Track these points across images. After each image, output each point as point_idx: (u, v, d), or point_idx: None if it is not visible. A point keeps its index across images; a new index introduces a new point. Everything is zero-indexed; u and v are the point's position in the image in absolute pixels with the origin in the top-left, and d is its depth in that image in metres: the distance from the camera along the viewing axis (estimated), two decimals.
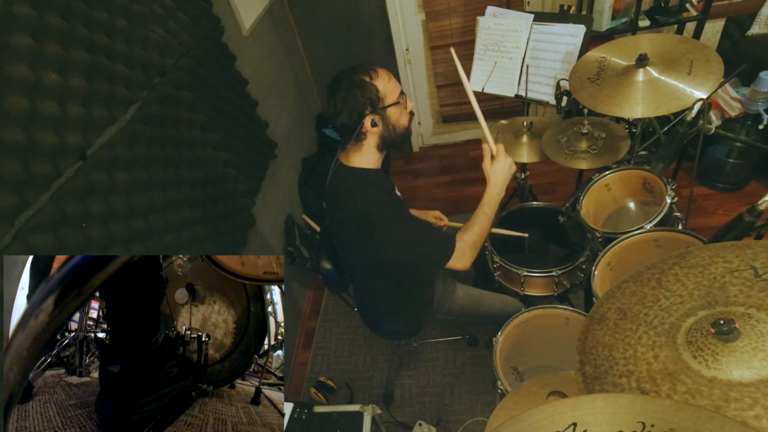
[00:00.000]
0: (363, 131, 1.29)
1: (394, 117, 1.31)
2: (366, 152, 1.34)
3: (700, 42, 1.46)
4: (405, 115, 1.34)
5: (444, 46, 2.86)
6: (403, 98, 1.32)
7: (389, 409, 1.97)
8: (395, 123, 1.32)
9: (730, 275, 0.70)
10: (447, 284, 1.68)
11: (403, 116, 1.34)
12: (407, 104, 1.34)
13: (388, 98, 1.28)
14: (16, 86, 0.90)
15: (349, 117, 1.25)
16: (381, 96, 1.26)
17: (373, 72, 1.26)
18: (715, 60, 1.32)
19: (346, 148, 1.37)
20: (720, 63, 1.30)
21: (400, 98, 1.31)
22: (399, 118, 1.32)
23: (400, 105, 1.31)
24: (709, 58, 1.33)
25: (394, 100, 1.29)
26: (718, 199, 2.39)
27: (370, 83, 1.25)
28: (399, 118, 1.32)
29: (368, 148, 1.34)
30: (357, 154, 1.35)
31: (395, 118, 1.31)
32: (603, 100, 1.40)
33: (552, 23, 1.83)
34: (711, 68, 1.30)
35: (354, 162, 1.36)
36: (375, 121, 1.28)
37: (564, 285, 1.61)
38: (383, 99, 1.27)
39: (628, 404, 0.51)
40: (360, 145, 1.33)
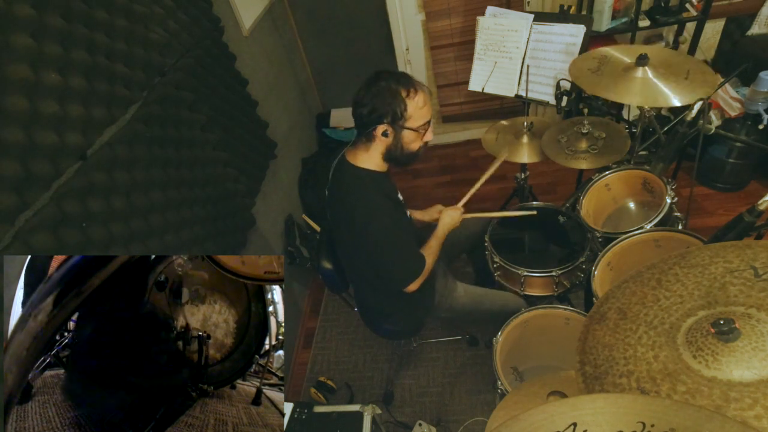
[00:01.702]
0: (374, 134, 1.31)
1: (408, 139, 1.34)
2: (372, 155, 1.38)
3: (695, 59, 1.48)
4: (418, 142, 1.36)
5: (444, 46, 2.85)
6: (424, 128, 1.34)
7: (389, 409, 1.97)
8: (406, 144, 1.35)
9: (730, 275, 0.70)
10: (447, 282, 1.69)
11: (416, 142, 1.36)
12: (427, 134, 1.36)
13: (411, 121, 1.30)
14: (16, 86, 0.90)
15: (369, 114, 1.28)
16: (406, 116, 1.29)
17: (413, 90, 1.29)
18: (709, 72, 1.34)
19: (356, 146, 1.40)
20: (715, 76, 1.33)
21: (423, 128, 1.33)
22: (412, 142, 1.35)
23: (419, 131, 1.33)
24: (705, 71, 1.35)
25: (415, 125, 1.31)
26: (718, 199, 2.39)
27: (403, 99, 1.27)
28: (412, 142, 1.35)
29: (375, 152, 1.37)
30: (365, 154, 1.38)
31: (408, 141, 1.34)
32: (604, 87, 1.41)
33: (552, 23, 1.83)
34: (707, 78, 1.32)
35: (360, 161, 1.39)
36: (387, 132, 1.30)
37: (564, 285, 1.61)
38: (406, 119, 1.29)
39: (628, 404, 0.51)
40: (368, 147, 1.36)
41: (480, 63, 2.04)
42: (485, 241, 1.72)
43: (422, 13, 2.74)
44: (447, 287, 1.68)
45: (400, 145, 1.34)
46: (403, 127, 1.30)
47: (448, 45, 2.84)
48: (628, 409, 0.50)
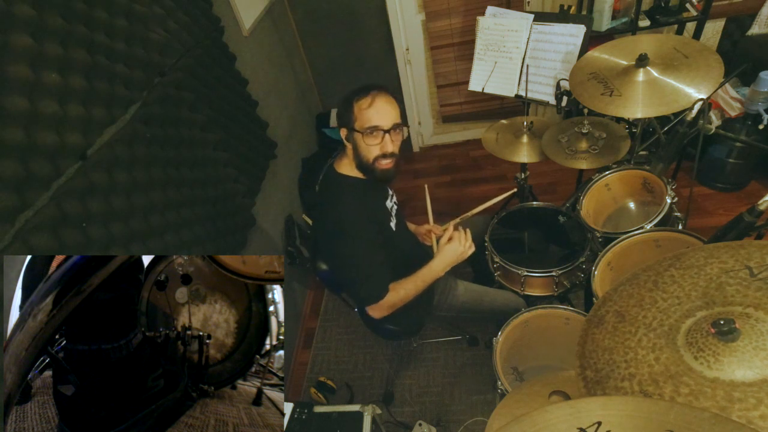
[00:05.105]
0: (344, 140, 1.38)
1: (361, 144, 1.34)
2: (350, 161, 1.40)
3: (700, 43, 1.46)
4: (372, 149, 1.34)
5: (444, 46, 2.85)
6: (372, 133, 1.31)
7: (389, 409, 1.97)
8: (361, 151, 1.35)
9: (725, 275, 0.70)
10: (448, 281, 1.68)
11: (370, 149, 1.34)
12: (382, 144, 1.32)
13: (357, 123, 1.32)
14: (16, 86, 0.90)
15: (336, 120, 1.39)
16: (353, 118, 1.33)
17: (363, 94, 1.31)
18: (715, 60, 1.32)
19: (340, 152, 1.44)
20: (720, 64, 1.30)
21: (368, 131, 1.31)
22: (364, 148, 1.34)
23: (364, 135, 1.32)
24: (709, 61, 1.33)
25: (360, 127, 1.32)
26: (718, 199, 2.39)
27: (351, 102, 1.32)
28: (364, 148, 1.34)
29: (350, 158, 1.40)
30: (345, 160, 1.42)
31: (361, 146, 1.34)
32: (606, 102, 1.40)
33: (552, 23, 1.83)
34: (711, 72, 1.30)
35: (341, 168, 1.43)
36: (348, 136, 1.36)
37: (564, 285, 1.61)
38: (353, 121, 1.33)
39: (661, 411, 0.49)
40: (346, 152, 1.41)
41: (480, 63, 2.04)
42: (485, 241, 1.72)
43: (422, 13, 2.74)
44: (447, 286, 1.68)
45: (359, 152, 1.36)
46: (353, 129, 1.33)
47: (448, 45, 2.84)
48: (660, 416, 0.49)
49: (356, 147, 1.35)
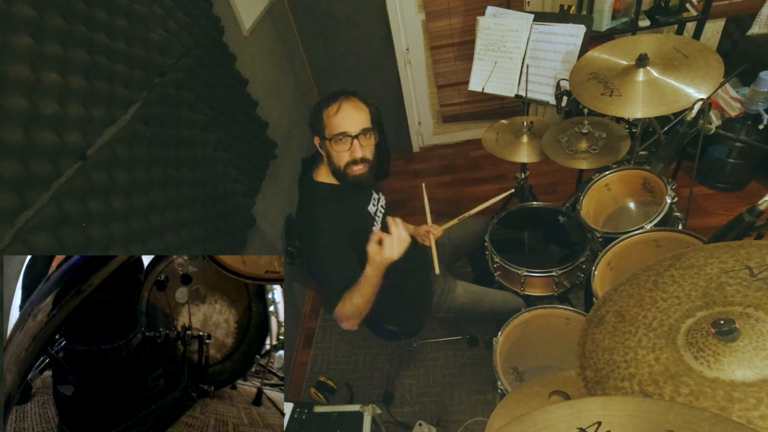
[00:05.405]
0: (318, 148, 1.40)
1: (332, 150, 1.35)
2: (326, 169, 1.42)
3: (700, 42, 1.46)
4: (342, 156, 1.34)
5: (444, 46, 2.85)
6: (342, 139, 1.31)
7: (389, 409, 1.97)
8: (332, 158, 1.36)
9: (725, 275, 0.70)
10: (447, 282, 1.68)
11: (340, 156, 1.34)
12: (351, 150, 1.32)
13: (326, 131, 1.34)
14: (16, 86, 0.90)
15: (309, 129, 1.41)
16: (323, 125, 1.34)
17: (332, 101, 1.32)
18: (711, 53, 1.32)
19: (318, 161, 1.47)
20: (720, 64, 1.30)
21: (337, 137, 1.31)
22: (335, 155, 1.35)
23: (332, 142, 1.33)
24: (709, 61, 1.33)
25: (328, 134, 1.33)
26: (718, 199, 2.39)
27: (322, 111, 1.33)
28: (335, 155, 1.35)
29: (326, 165, 1.42)
30: (322, 167, 1.44)
31: (333, 152, 1.35)
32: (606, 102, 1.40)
33: (552, 23, 1.83)
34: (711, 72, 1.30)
35: (318, 176, 1.45)
36: (321, 144, 1.38)
37: (564, 285, 1.61)
38: (323, 128, 1.34)
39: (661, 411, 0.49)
40: (322, 160, 1.43)
41: (480, 63, 2.04)
42: (485, 241, 1.72)
43: (422, 13, 2.74)
44: (446, 287, 1.68)
45: (331, 159, 1.37)
46: (324, 138, 1.35)
47: (448, 45, 2.84)
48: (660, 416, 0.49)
49: (328, 155, 1.37)
